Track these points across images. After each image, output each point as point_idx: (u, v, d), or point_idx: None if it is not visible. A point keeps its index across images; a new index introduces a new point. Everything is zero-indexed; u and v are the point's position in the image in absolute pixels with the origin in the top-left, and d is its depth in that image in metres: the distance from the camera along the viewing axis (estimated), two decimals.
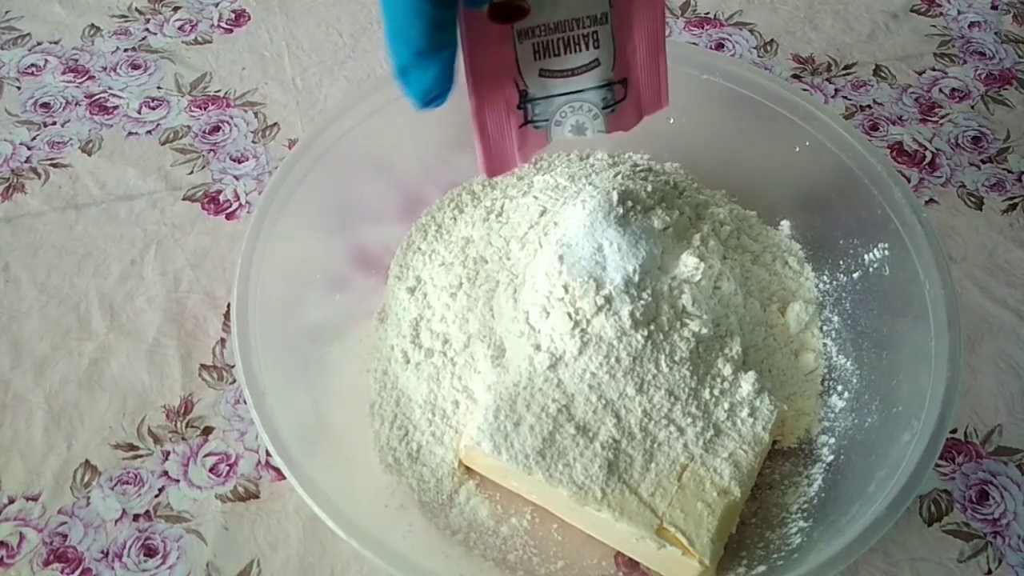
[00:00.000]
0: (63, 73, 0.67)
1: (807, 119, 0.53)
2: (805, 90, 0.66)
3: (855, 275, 0.52)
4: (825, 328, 0.52)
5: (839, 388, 0.49)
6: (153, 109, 0.65)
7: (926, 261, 0.47)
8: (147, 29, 0.70)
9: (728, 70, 0.55)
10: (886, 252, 0.50)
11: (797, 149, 0.54)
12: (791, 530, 0.44)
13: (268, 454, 0.49)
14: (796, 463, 0.48)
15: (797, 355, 0.51)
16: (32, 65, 0.67)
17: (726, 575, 0.43)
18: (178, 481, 0.48)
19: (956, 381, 0.43)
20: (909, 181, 0.61)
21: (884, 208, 0.50)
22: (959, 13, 0.73)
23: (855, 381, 0.49)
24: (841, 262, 0.53)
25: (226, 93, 0.66)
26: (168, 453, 0.49)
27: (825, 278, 0.53)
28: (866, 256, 0.51)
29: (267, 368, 0.44)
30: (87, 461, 0.49)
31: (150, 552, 0.46)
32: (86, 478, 0.48)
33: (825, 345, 0.51)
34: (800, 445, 0.48)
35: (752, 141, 0.56)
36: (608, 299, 0.45)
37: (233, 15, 0.71)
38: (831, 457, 0.47)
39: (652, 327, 0.45)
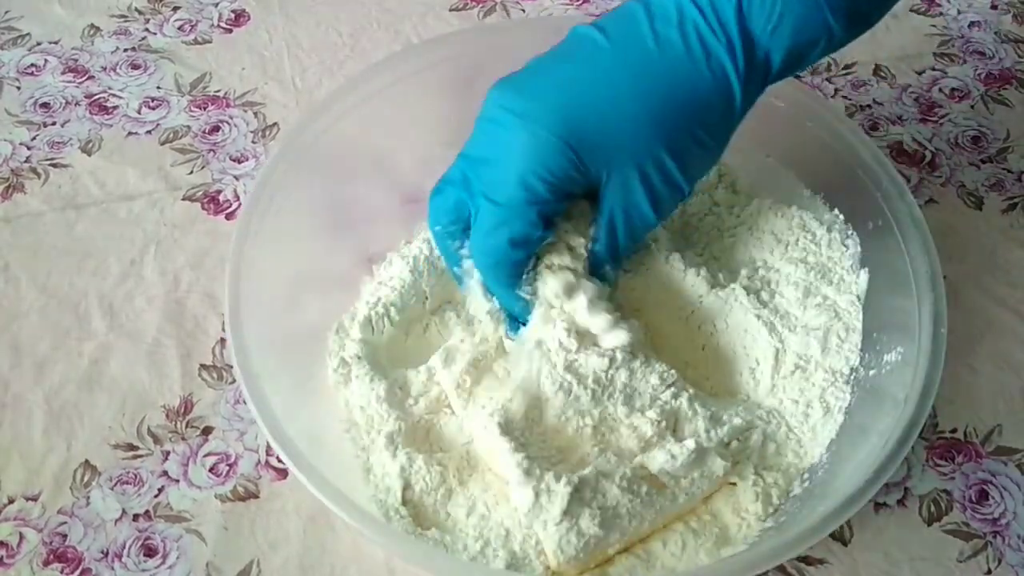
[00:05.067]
0: (63, 73, 0.67)
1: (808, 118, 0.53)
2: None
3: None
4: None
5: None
6: (153, 109, 0.65)
7: (918, 263, 0.48)
8: (147, 29, 0.70)
9: None
10: (883, 251, 0.50)
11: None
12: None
13: (268, 453, 0.49)
14: None
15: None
16: (32, 65, 0.67)
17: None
18: (178, 481, 0.48)
19: (934, 379, 0.44)
20: (909, 181, 0.61)
21: (883, 208, 0.50)
22: (959, 13, 0.73)
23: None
24: None
25: (226, 93, 0.66)
26: (168, 453, 0.49)
27: None
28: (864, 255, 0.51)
29: (266, 366, 0.44)
30: (87, 461, 0.48)
31: (150, 552, 0.46)
32: (86, 478, 0.48)
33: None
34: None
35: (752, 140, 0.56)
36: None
37: (233, 15, 0.71)
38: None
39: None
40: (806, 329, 0.49)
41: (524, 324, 0.47)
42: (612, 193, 0.44)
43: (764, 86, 0.44)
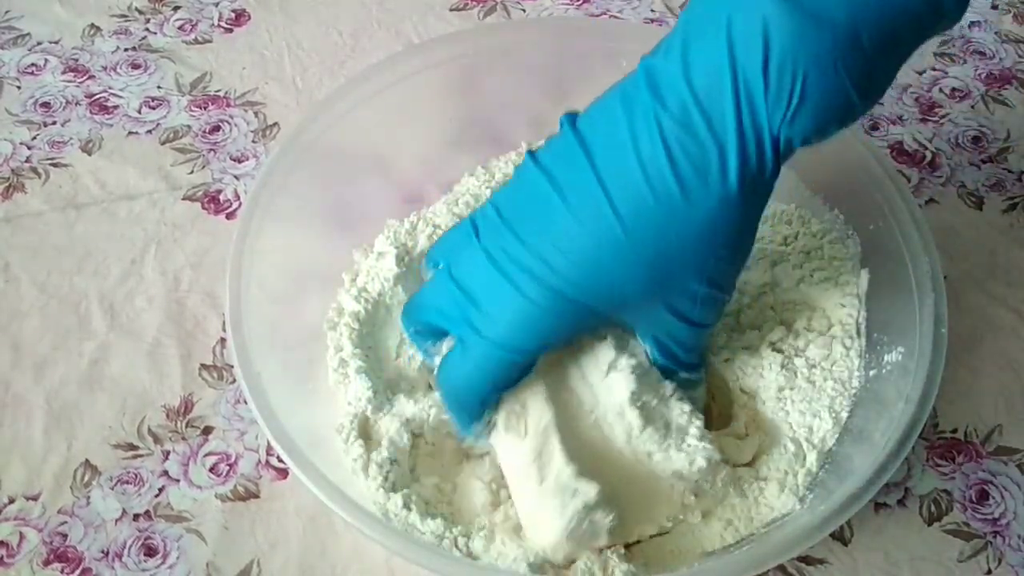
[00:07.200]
0: (63, 73, 0.67)
1: None
2: None
3: None
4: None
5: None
6: (153, 109, 0.65)
7: (918, 263, 0.47)
8: (147, 29, 0.70)
9: None
10: (883, 251, 0.50)
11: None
12: None
13: (268, 453, 0.49)
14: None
15: None
16: (32, 65, 0.67)
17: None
18: (178, 481, 0.48)
19: (935, 379, 0.43)
20: (909, 181, 0.61)
21: (883, 208, 0.50)
22: None
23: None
24: None
25: (226, 93, 0.66)
26: (168, 453, 0.49)
27: None
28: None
29: (266, 366, 0.44)
30: (87, 461, 0.49)
31: (150, 552, 0.46)
32: (86, 478, 0.48)
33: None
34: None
35: None
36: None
37: (233, 15, 0.71)
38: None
39: None
40: (808, 329, 0.49)
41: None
42: (645, 330, 0.43)
43: (784, 161, 0.40)
